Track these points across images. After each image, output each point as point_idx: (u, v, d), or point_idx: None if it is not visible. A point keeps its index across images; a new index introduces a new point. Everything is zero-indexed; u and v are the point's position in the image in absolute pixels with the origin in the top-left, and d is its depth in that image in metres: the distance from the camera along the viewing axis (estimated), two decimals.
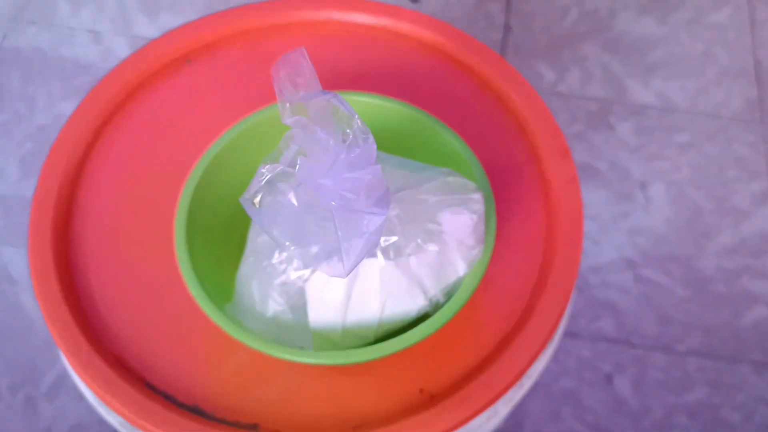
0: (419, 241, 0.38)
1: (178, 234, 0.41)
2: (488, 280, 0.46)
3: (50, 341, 0.90)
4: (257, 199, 0.30)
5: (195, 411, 0.43)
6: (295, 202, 0.29)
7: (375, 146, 0.28)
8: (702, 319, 0.91)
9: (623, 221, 0.97)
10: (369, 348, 0.38)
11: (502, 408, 0.44)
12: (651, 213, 0.98)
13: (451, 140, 0.44)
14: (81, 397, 0.87)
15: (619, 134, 1.04)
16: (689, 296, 0.92)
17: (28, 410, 0.86)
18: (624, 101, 1.08)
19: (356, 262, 0.28)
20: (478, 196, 0.40)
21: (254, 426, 0.42)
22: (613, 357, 0.88)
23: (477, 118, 0.52)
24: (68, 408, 0.86)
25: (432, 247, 0.38)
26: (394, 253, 0.38)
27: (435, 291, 0.40)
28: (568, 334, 0.89)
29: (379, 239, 0.29)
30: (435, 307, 0.40)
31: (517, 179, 0.49)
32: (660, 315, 0.91)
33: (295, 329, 0.40)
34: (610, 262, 0.94)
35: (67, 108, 1.10)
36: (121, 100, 0.54)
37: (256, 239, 0.40)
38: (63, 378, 0.88)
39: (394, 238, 0.37)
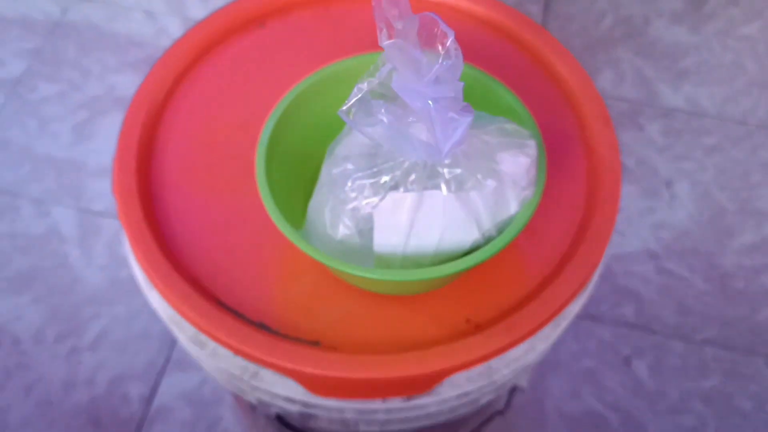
0: (479, 176, 0.42)
1: (258, 162, 0.46)
2: (533, 226, 0.50)
3: (95, 296, 0.95)
4: (352, 112, 0.35)
5: (261, 326, 0.47)
6: (386, 113, 0.33)
7: (463, 62, 0.32)
8: (720, 312, 0.94)
9: (648, 216, 1.01)
10: (433, 268, 0.42)
11: (539, 344, 0.48)
12: (675, 209, 1.02)
13: (506, 97, 0.48)
14: (122, 351, 0.91)
15: (648, 134, 1.08)
16: (709, 290, 0.96)
17: (72, 360, 0.91)
18: (654, 104, 1.12)
19: (450, 150, 0.33)
20: (532, 143, 0.44)
21: (315, 342, 0.46)
22: (632, 342, 0.92)
23: (528, 88, 0.56)
24: (110, 360, 0.90)
25: (491, 183, 0.42)
26: (455, 186, 0.42)
27: (489, 225, 0.44)
28: (590, 317, 0.93)
29: (465, 138, 0.34)
30: (487, 241, 0.44)
31: (563, 143, 0.54)
32: (680, 305, 0.94)
33: (360, 253, 0.44)
34: (634, 253, 0.98)
35: (119, 81, 1.15)
36: (199, 54, 0.58)
37: (330, 171, 0.44)
38: (106, 331, 0.92)
39: (458, 170, 0.42)
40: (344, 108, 0.35)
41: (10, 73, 1.15)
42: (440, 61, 0.32)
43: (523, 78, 0.57)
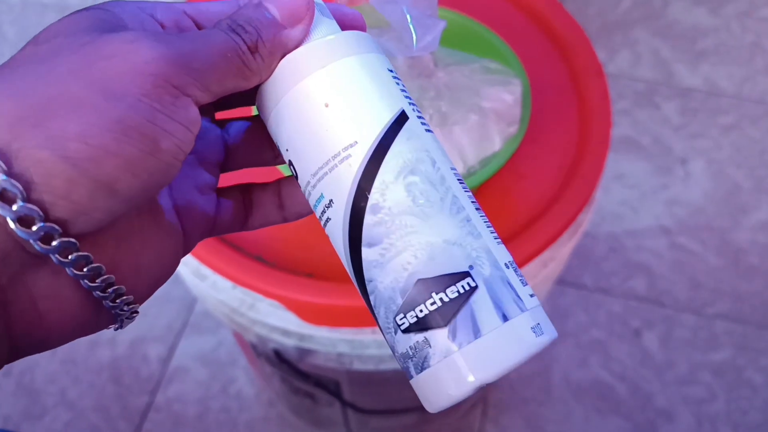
0: (463, 111, 0.44)
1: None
2: (522, 169, 0.51)
3: None
4: None
5: (259, 259, 0.49)
6: None
7: None
8: (733, 286, 0.94)
9: (662, 192, 1.01)
10: None
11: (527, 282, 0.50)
12: (689, 187, 1.02)
13: (494, 41, 0.50)
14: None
15: (664, 113, 1.09)
16: (722, 265, 0.96)
17: None
18: (671, 83, 1.12)
19: (423, 48, 0.34)
20: (516, 81, 0.46)
21: (310, 274, 0.49)
22: (642, 314, 0.92)
23: (523, 41, 0.58)
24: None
25: (473, 117, 0.44)
26: (440, 121, 0.44)
27: (473, 161, 0.46)
28: (600, 289, 0.94)
29: (437, 43, 0.35)
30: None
31: (556, 92, 0.55)
32: (692, 280, 0.95)
33: None
34: (646, 228, 0.98)
35: None
36: None
37: None
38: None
39: (441, 104, 0.44)
40: None
41: None
42: None
43: (519, 33, 0.58)
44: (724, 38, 1.17)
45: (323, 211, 0.23)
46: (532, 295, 0.23)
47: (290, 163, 0.23)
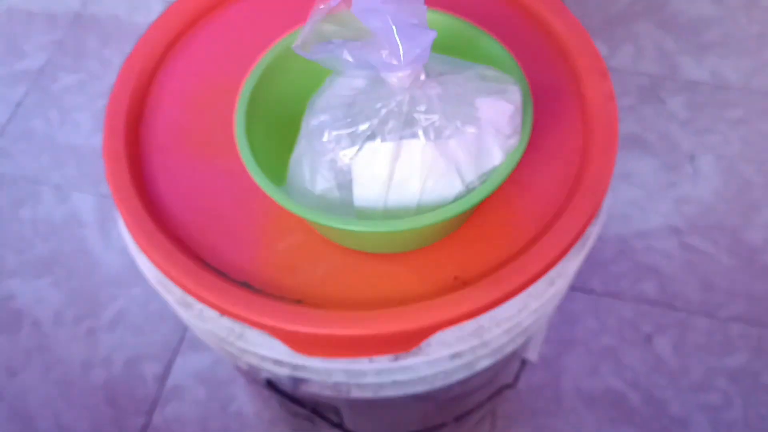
0: (458, 123, 0.41)
1: (238, 123, 0.45)
2: (526, 180, 0.48)
3: (113, 279, 0.96)
4: (307, 45, 0.34)
5: (245, 285, 0.46)
6: (349, 57, 0.32)
7: None
8: (747, 287, 0.91)
9: (670, 190, 0.98)
10: (411, 218, 0.41)
11: (532, 302, 0.47)
12: (699, 184, 0.98)
13: (490, 45, 0.47)
14: (138, 332, 0.92)
15: (670, 108, 1.05)
16: (735, 265, 0.92)
17: (89, 340, 0.92)
18: (676, 77, 1.08)
19: (412, 63, 0.31)
20: (515, 88, 0.42)
21: (299, 301, 0.46)
22: (654, 319, 0.89)
23: (521, 43, 0.55)
24: (126, 340, 0.91)
25: (470, 130, 0.41)
26: (434, 134, 0.41)
27: (472, 177, 0.43)
28: (610, 294, 0.90)
29: (427, 55, 0.32)
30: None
31: (557, 96, 0.52)
32: (704, 281, 0.91)
33: (342, 208, 0.43)
34: (655, 229, 0.95)
35: None
36: (193, 19, 0.58)
37: (309, 123, 0.44)
38: (123, 313, 0.93)
39: (435, 117, 0.40)
40: (298, 42, 0.34)
41: (33, 64, 1.17)
42: None
43: (518, 34, 0.55)
44: (730, 29, 1.13)
45: None
46: None
47: None
